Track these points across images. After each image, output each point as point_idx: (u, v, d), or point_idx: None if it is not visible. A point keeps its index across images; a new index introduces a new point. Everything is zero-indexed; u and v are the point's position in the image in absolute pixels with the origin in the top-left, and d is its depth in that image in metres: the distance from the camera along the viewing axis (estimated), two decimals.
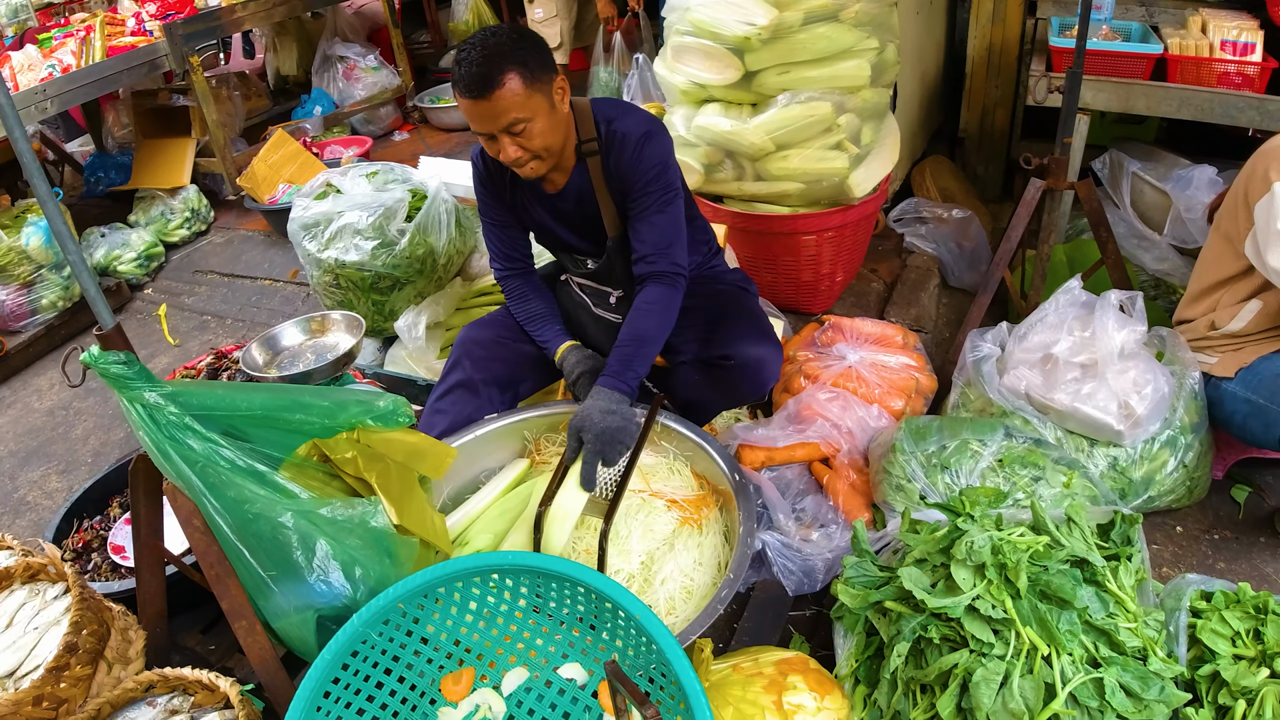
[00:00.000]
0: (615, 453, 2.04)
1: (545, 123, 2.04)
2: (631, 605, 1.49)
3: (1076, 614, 1.57)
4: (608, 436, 2.03)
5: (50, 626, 2.00)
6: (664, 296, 2.19)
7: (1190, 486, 2.40)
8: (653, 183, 2.16)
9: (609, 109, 2.22)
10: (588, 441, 2.04)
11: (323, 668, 1.59)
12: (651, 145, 2.15)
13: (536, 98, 2.00)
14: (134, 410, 1.60)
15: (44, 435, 3.68)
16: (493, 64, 1.93)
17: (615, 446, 2.04)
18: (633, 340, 2.17)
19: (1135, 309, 2.40)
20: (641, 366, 2.15)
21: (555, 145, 2.10)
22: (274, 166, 4.73)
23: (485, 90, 1.94)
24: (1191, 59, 3.03)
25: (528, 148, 2.05)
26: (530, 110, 1.99)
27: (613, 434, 2.03)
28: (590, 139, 2.19)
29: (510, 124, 2.00)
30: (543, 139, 2.05)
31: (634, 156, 2.15)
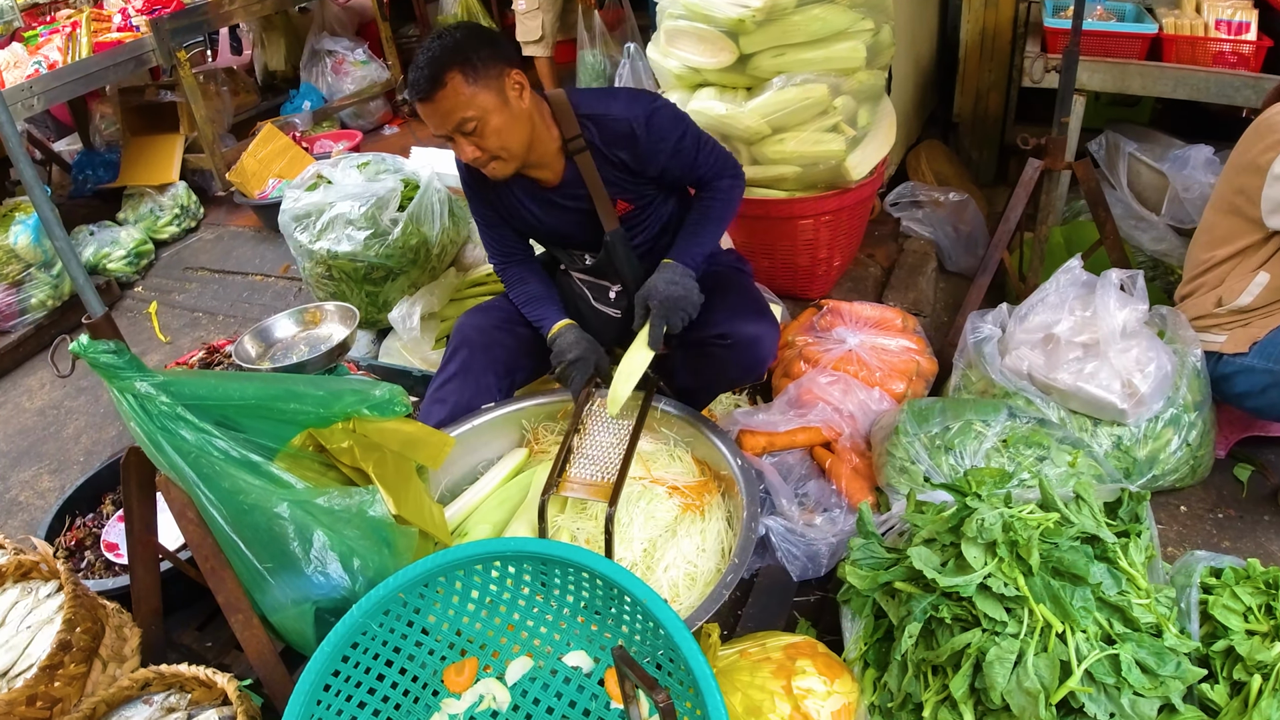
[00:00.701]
0: (679, 318, 2.16)
1: (499, 120, 2.01)
2: (638, 590, 1.47)
3: (1090, 590, 1.54)
4: (672, 303, 2.15)
5: (43, 625, 1.96)
6: (728, 185, 2.32)
7: (1194, 465, 2.39)
8: (683, 138, 2.21)
9: (593, 99, 2.20)
10: (654, 307, 2.16)
11: (322, 661, 1.56)
12: (660, 116, 2.17)
13: (484, 95, 1.97)
14: (125, 401, 1.57)
15: (35, 435, 3.64)
16: (435, 65, 1.93)
17: (678, 312, 2.16)
18: (700, 219, 2.29)
19: (1136, 288, 2.39)
20: (707, 241, 2.28)
21: (514, 143, 2.07)
22: (263, 161, 4.69)
23: (430, 92, 1.95)
24: (1186, 38, 3.01)
25: (484, 146, 2.04)
26: (478, 108, 1.97)
27: (676, 301, 2.15)
28: (575, 136, 2.16)
29: (460, 123, 1.99)
30: (498, 137, 2.03)
31: (652, 137, 2.15)
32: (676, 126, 2.20)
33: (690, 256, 2.23)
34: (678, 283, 2.16)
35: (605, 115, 2.15)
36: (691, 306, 2.17)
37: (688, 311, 2.17)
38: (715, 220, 2.30)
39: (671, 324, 2.16)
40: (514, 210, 2.34)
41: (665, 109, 2.19)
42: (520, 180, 2.25)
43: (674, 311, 2.15)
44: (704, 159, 2.27)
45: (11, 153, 1.52)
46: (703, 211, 2.30)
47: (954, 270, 3.57)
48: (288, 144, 4.80)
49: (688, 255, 2.23)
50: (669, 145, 2.18)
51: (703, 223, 2.29)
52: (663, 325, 2.16)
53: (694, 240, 2.26)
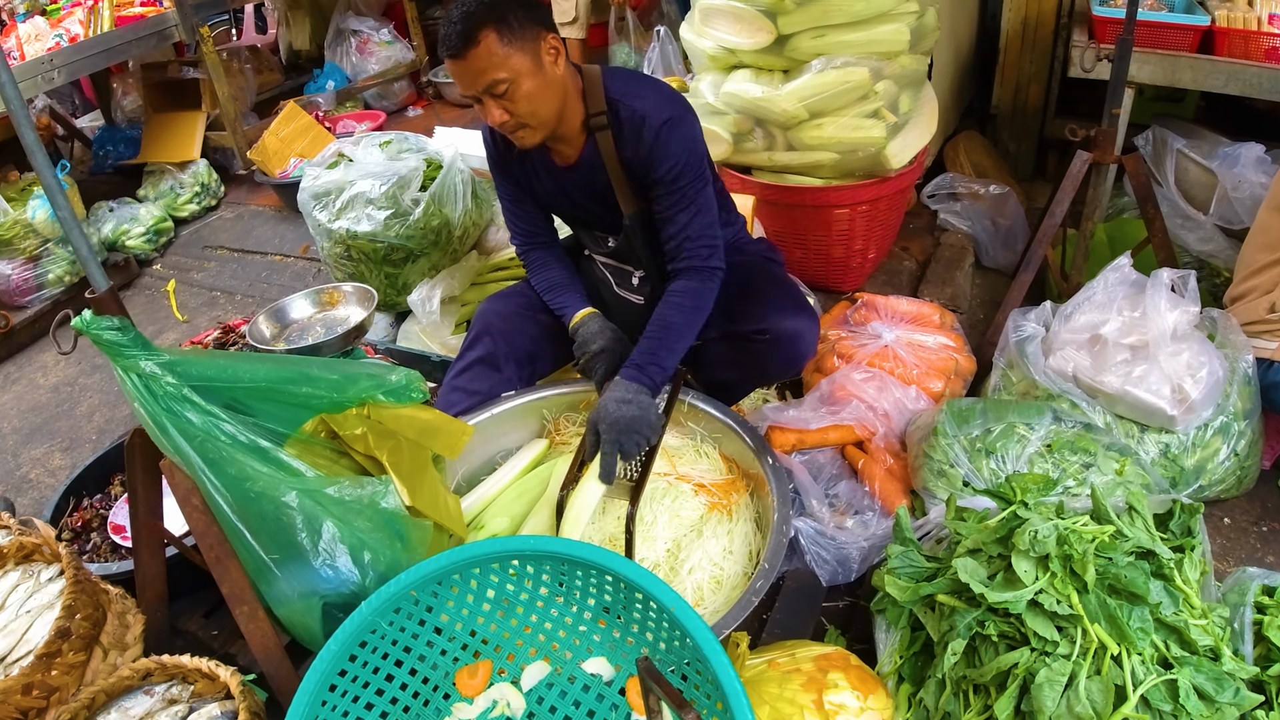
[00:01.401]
0: (633, 444, 1.93)
1: (531, 84, 1.91)
2: (664, 596, 1.38)
3: (1148, 610, 1.44)
4: (622, 426, 1.92)
5: (44, 610, 1.91)
6: (696, 289, 2.08)
7: (1240, 476, 2.30)
8: (682, 175, 2.03)
9: (624, 83, 2.08)
10: (603, 433, 1.94)
11: (329, 659, 1.48)
12: (676, 132, 2.01)
13: (518, 57, 1.87)
14: (129, 380, 1.51)
15: (48, 412, 3.60)
16: (470, 21, 1.83)
17: (631, 437, 1.93)
18: (660, 331, 2.06)
19: (1188, 289, 2.29)
20: (668, 360, 2.04)
21: (545, 110, 1.97)
22: (285, 140, 4.65)
23: (462, 49, 1.85)
24: (1239, 32, 2.91)
25: (513, 111, 1.93)
26: (511, 70, 1.87)
27: (627, 424, 1.92)
28: (599, 112, 2.05)
29: (490, 85, 1.88)
30: (529, 102, 1.92)
31: (658, 145, 2.00)
32: (686, 150, 2.02)
33: (648, 375, 2.00)
34: (631, 400, 1.94)
35: (629, 105, 2.03)
36: (649, 428, 1.94)
37: (644, 435, 1.94)
38: (678, 335, 2.06)
39: (626, 451, 1.93)
40: (535, 186, 2.25)
41: (684, 126, 2.02)
42: (541, 156, 2.17)
43: (626, 435, 1.92)
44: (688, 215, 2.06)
45: (16, 123, 1.44)
46: (663, 325, 2.06)
47: (991, 266, 3.47)
48: (310, 123, 4.75)
49: (644, 374, 1.99)
50: (668, 165, 2.01)
51: (664, 337, 2.05)
52: (615, 454, 1.93)
53: (654, 357, 2.02)
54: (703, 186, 2.07)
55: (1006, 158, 4.11)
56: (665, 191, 2.05)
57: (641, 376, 1.99)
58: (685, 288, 2.09)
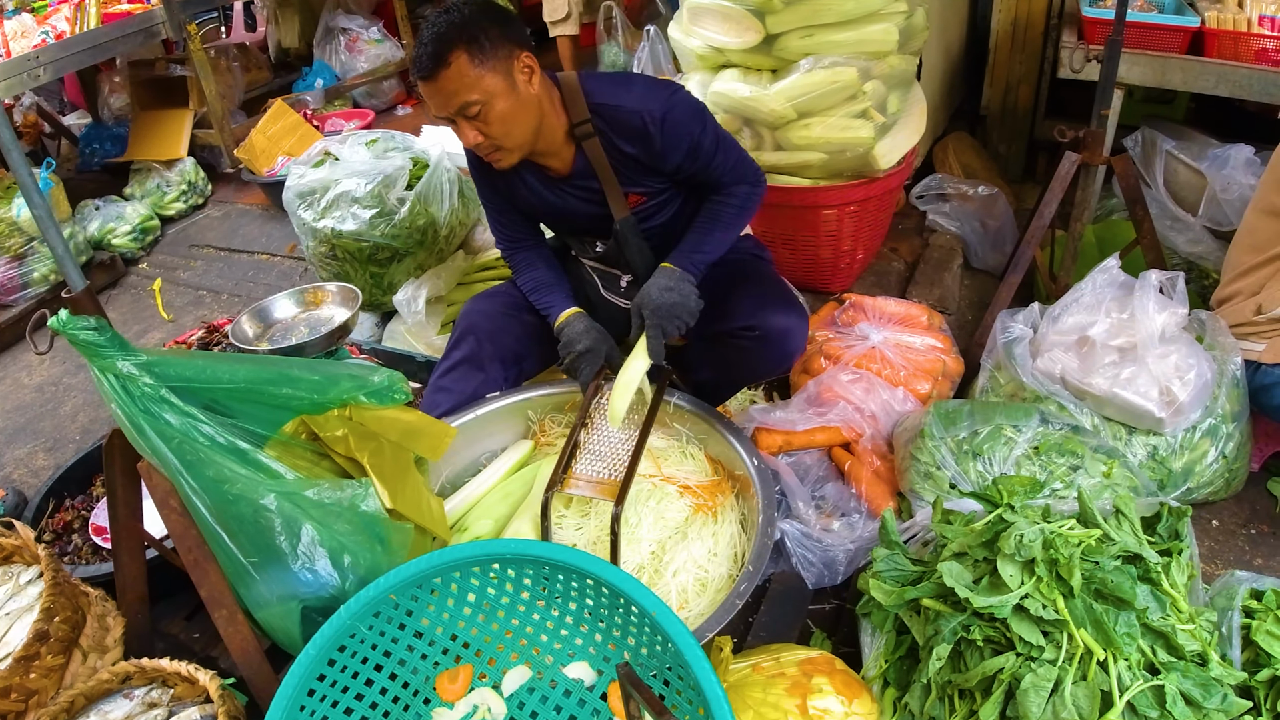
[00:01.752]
0: (674, 326, 2.05)
1: (505, 105, 1.89)
2: (646, 601, 1.36)
3: (1135, 615, 1.43)
4: (665, 310, 2.04)
5: (23, 612, 1.89)
6: (746, 192, 2.19)
7: (1228, 479, 2.29)
8: (700, 143, 2.07)
9: (606, 86, 2.06)
10: (647, 316, 2.05)
11: (308, 663, 1.47)
12: (679, 113, 2.01)
13: (490, 78, 1.85)
14: (106, 381, 1.49)
15: (32, 412, 3.57)
16: (440, 43, 1.82)
17: (673, 320, 2.04)
18: (708, 222, 2.16)
19: (1176, 290, 2.28)
20: (712, 251, 2.15)
21: (519, 132, 1.95)
22: (273, 139, 4.62)
23: (433, 71, 1.83)
24: (1229, 33, 2.90)
25: (486, 133, 1.92)
26: (483, 91, 1.85)
27: (670, 308, 2.04)
28: (584, 120, 2.03)
29: (462, 107, 1.87)
30: (502, 124, 1.91)
31: (668, 135, 2.01)
32: (694, 124, 2.05)
33: (692, 262, 2.11)
34: (673, 288, 2.05)
35: (617, 107, 2.01)
36: (689, 314, 2.06)
37: (684, 319, 2.06)
38: (725, 227, 2.16)
39: (668, 332, 2.05)
40: (522, 196, 2.23)
41: (683, 104, 2.04)
42: (530, 166, 2.15)
43: (669, 320, 2.04)
44: (721, 161, 2.13)
45: None
46: (712, 216, 2.17)
47: (979, 267, 3.46)
48: (298, 121, 4.72)
49: (689, 260, 2.11)
50: (685, 144, 2.04)
51: (710, 228, 2.16)
52: (660, 334, 2.05)
53: (698, 245, 2.14)
54: (716, 133, 2.12)
55: (995, 159, 4.10)
56: (691, 162, 2.10)
57: (685, 263, 2.10)
58: (738, 191, 2.18)
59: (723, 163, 2.13)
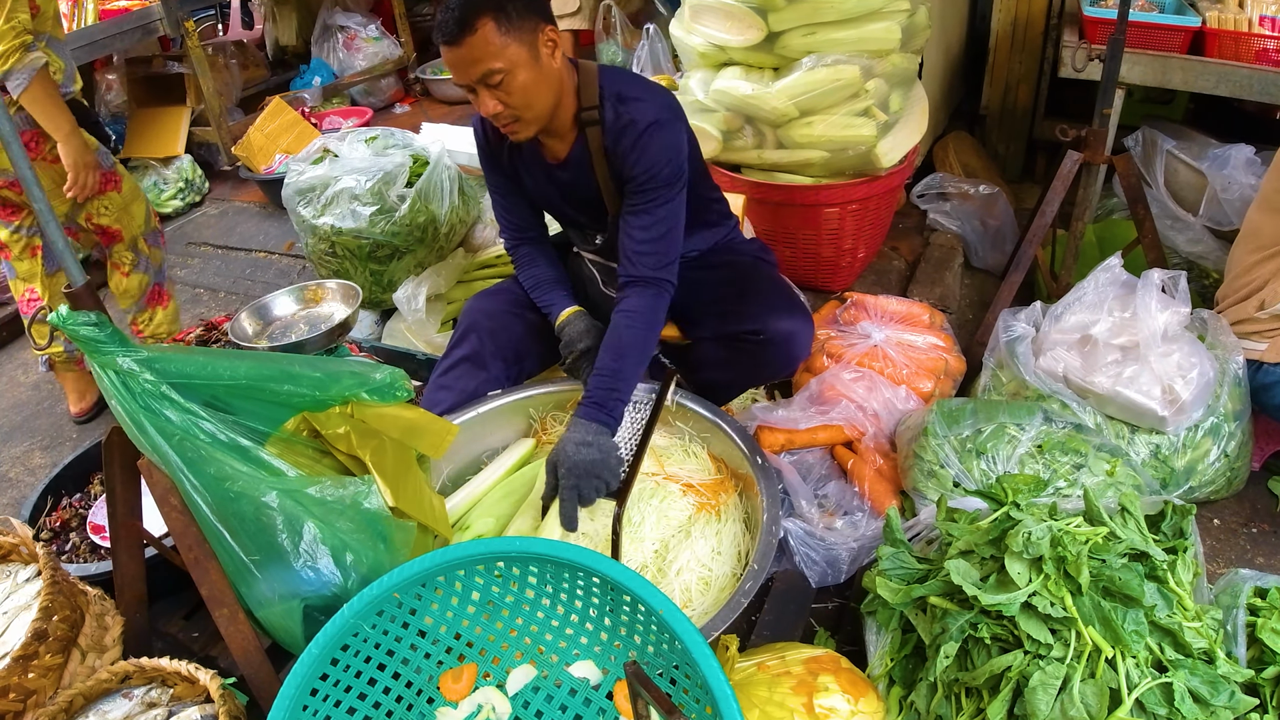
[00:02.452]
0: (592, 489, 1.86)
1: (527, 76, 1.87)
2: (652, 598, 1.35)
3: (1143, 612, 1.43)
4: (581, 470, 1.85)
5: (20, 611, 1.87)
6: (648, 306, 2.03)
7: (1230, 477, 2.29)
8: (652, 180, 1.98)
9: (621, 83, 2.04)
10: (562, 478, 1.86)
11: (310, 662, 1.45)
12: (659, 137, 1.96)
13: (514, 48, 1.83)
14: (106, 377, 1.47)
15: (29, 410, 3.55)
16: (468, 8, 1.79)
17: (590, 482, 1.85)
18: (615, 361, 1.99)
19: (1178, 289, 2.29)
20: (626, 390, 1.98)
21: (540, 104, 1.93)
22: (270, 136, 4.61)
23: (458, 36, 1.80)
24: (1230, 33, 2.91)
25: (507, 103, 1.89)
26: (507, 60, 1.83)
27: (586, 468, 1.85)
28: (592, 107, 2.01)
29: (485, 74, 1.84)
30: (523, 94, 1.88)
31: (637, 147, 1.97)
32: (664, 156, 1.97)
33: (607, 411, 1.93)
34: (592, 444, 1.87)
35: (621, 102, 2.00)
36: (609, 473, 1.87)
37: (605, 480, 1.87)
38: (636, 360, 2.00)
39: (585, 498, 1.86)
40: (526, 181, 2.22)
41: (673, 132, 1.98)
42: (532, 151, 2.13)
43: (585, 481, 1.84)
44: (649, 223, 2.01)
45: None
46: (617, 349, 2.00)
47: (980, 266, 3.46)
48: (296, 119, 4.71)
49: (602, 411, 1.93)
50: (643, 166, 1.97)
51: (622, 361, 1.99)
52: (575, 498, 1.85)
53: (613, 386, 1.96)
54: (671, 198, 2.01)
55: (995, 158, 4.10)
56: (632, 192, 2.02)
57: (600, 414, 1.93)
58: (636, 305, 2.03)
59: (650, 225, 2.02)
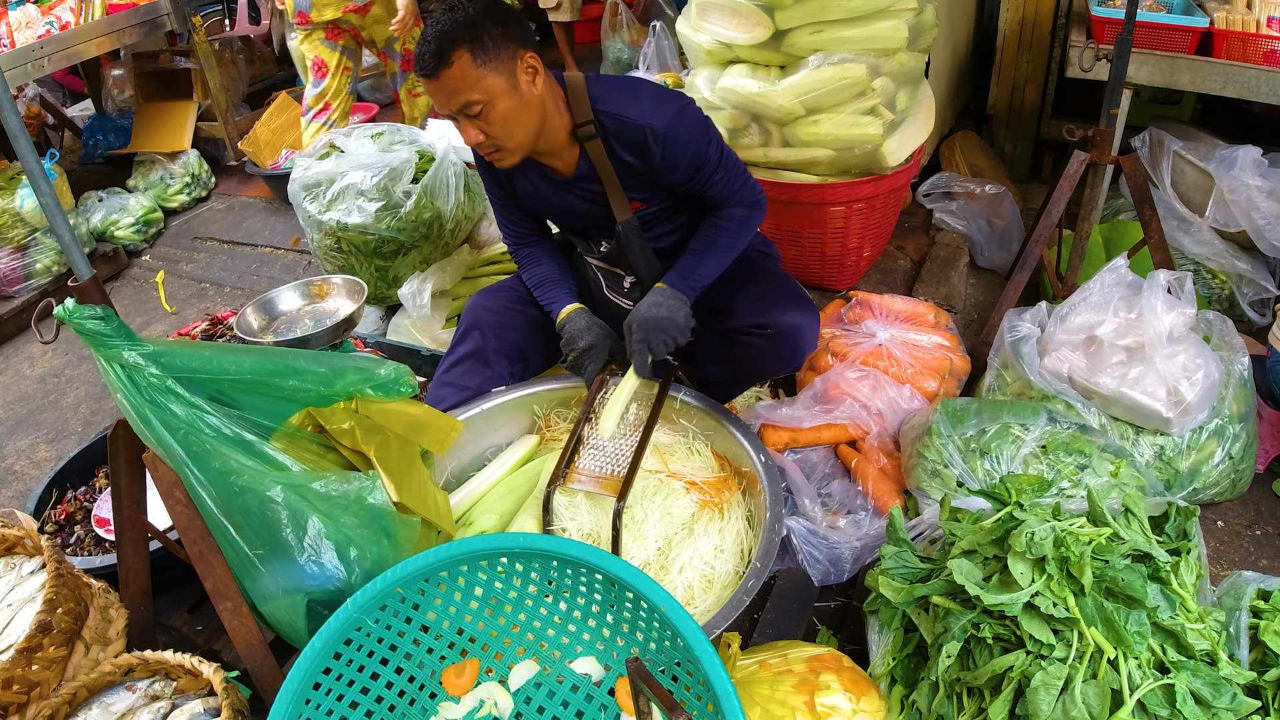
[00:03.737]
0: (661, 343, 2.04)
1: (506, 105, 1.87)
2: (655, 595, 1.36)
3: (1145, 614, 1.43)
4: (651, 324, 2.03)
5: (25, 604, 1.88)
6: (745, 215, 2.15)
7: (1234, 479, 2.29)
8: (703, 160, 2.03)
9: (612, 91, 2.03)
10: (634, 331, 2.05)
11: (313, 656, 1.46)
12: (682, 131, 1.98)
13: (492, 78, 1.83)
14: (112, 370, 1.47)
15: (34, 403, 3.56)
16: (443, 41, 1.80)
17: (659, 335, 2.03)
18: (705, 245, 2.14)
19: (1184, 291, 2.28)
20: (707, 274, 2.13)
21: (521, 132, 1.93)
22: (277, 131, 4.61)
23: (435, 69, 1.82)
24: (1238, 34, 2.90)
25: (488, 132, 1.90)
26: (485, 91, 1.84)
27: (657, 323, 2.03)
28: (586, 122, 2.00)
29: (464, 106, 1.86)
30: (503, 124, 1.89)
31: (669, 152, 1.98)
32: (697, 142, 2.01)
33: (686, 283, 2.10)
34: (663, 304, 2.05)
35: (621, 117, 1.99)
36: (677, 330, 2.05)
37: (672, 336, 2.04)
38: (722, 250, 2.14)
39: (654, 348, 2.04)
40: (527, 194, 2.22)
41: (688, 121, 2.00)
42: (534, 166, 2.13)
43: (655, 335, 2.03)
44: (721, 180, 2.09)
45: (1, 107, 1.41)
46: (709, 239, 2.14)
47: (985, 266, 3.45)
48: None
49: (683, 281, 2.10)
50: (686, 161, 2.01)
51: (707, 251, 2.14)
52: (645, 350, 2.04)
53: (694, 267, 2.12)
54: (720, 152, 2.08)
55: (1002, 158, 4.09)
56: (693, 180, 2.07)
57: (679, 282, 2.10)
58: (735, 214, 2.14)
59: (723, 183, 2.10)
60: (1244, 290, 2.98)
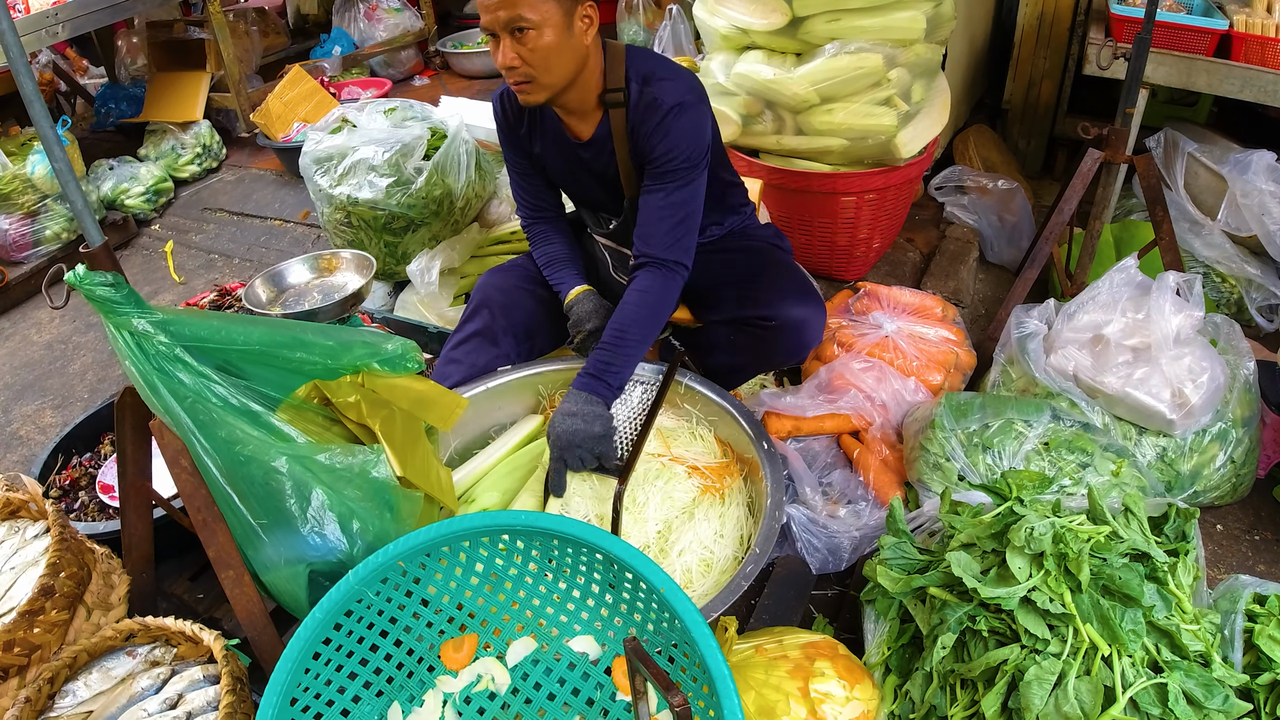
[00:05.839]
0: (577, 459, 1.90)
1: (554, 40, 1.83)
2: (655, 577, 1.36)
3: (1141, 612, 1.43)
4: (565, 440, 1.89)
5: (28, 567, 1.89)
6: (660, 287, 2.01)
7: (1235, 484, 2.28)
8: (672, 162, 1.96)
9: (648, 64, 2.02)
10: (549, 448, 1.91)
11: (313, 626, 1.47)
12: (681, 119, 1.94)
13: (552, 6, 1.80)
14: (120, 338, 1.48)
15: (41, 369, 3.57)
16: None
17: (574, 451, 1.89)
18: (618, 336, 1.98)
19: (1192, 293, 2.27)
20: (625, 367, 1.98)
21: (558, 71, 1.89)
22: (289, 104, 4.60)
23: None
24: (1257, 38, 2.88)
25: (527, 59, 1.85)
26: (540, 14, 1.80)
27: (570, 438, 1.88)
28: (617, 89, 2.00)
29: (513, 20, 1.80)
30: (544, 57, 1.85)
31: (659, 129, 1.94)
32: (686, 140, 1.94)
33: (604, 383, 1.95)
34: (576, 414, 1.90)
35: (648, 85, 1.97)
36: (594, 443, 1.90)
37: (589, 450, 1.90)
38: (640, 339, 2.00)
39: (571, 466, 1.91)
40: (545, 160, 2.22)
41: (694, 117, 1.95)
42: (555, 129, 2.13)
43: (570, 452, 1.89)
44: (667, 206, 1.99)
45: (16, 73, 1.41)
46: (622, 326, 1.99)
47: (994, 261, 3.45)
48: (315, 88, 4.69)
49: (597, 382, 1.95)
50: (664, 148, 1.95)
51: (625, 340, 1.98)
52: (562, 468, 1.91)
53: (612, 361, 1.97)
54: (690, 181, 1.99)
55: (1015, 153, 4.08)
56: (652, 172, 2.00)
57: (595, 385, 1.94)
58: (647, 286, 2.01)
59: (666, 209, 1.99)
60: (1253, 295, 2.97)
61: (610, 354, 1.98)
